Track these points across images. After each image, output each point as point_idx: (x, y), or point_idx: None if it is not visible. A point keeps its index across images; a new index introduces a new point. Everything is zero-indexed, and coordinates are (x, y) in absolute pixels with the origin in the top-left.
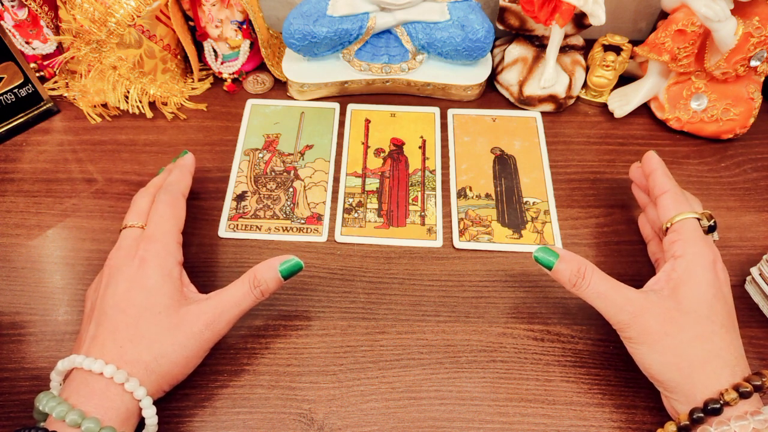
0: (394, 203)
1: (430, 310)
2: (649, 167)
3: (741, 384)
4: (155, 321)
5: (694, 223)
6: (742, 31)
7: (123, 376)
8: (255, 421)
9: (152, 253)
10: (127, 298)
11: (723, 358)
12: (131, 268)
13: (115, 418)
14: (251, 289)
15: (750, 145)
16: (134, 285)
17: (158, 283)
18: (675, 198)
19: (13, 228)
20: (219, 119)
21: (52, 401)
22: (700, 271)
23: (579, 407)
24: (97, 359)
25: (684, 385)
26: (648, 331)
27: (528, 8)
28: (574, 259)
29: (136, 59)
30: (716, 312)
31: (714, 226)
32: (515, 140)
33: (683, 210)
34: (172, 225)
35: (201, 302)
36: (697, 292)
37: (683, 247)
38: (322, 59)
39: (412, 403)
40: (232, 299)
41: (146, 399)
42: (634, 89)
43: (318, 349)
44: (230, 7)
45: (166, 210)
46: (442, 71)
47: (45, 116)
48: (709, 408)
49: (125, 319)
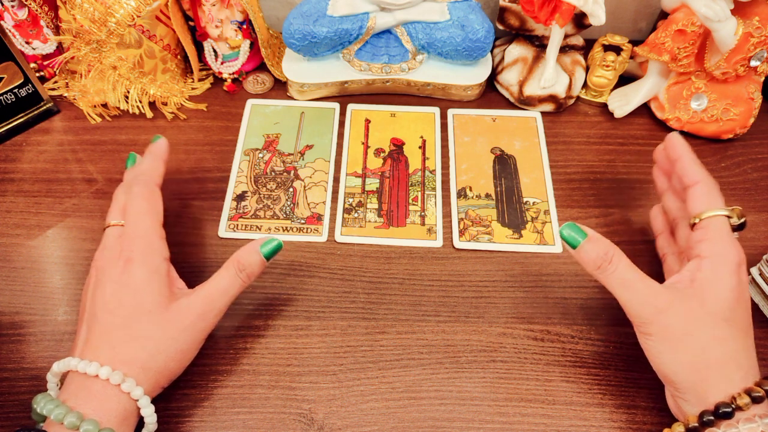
0: (394, 203)
1: (430, 310)
2: (675, 152)
3: (753, 388)
4: (146, 319)
5: (723, 222)
6: (742, 31)
7: (119, 378)
8: (255, 421)
9: (137, 252)
10: (116, 299)
11: (738, 362)
12: (117, 268)
13: (114, 419)
14: (237, 274)
15: (750, 145)
16: (121, 286)
17: (145, 282)
18: (708, 191)
19: (13, 228)
20: (219, 119)
21: (50, 404)
22: (726, 274)
23: (579, 407)
24: (92, 362)
25: (697, 387)
26: (670, 329)
27: (528, 8)
28: (602, 241)
29: (136, 59)
30: (737, 315)
31: (743, 225)
32: (515, 140)
33: (715, 206)
34: (152, 220)
35: (190, 295)
36: (721, 294)
37: (710, 248)
38: (322, 59)
39: (412, 403)
40: (219, 288)
41: (144, 398)
42: (634, 89)
43: (318, 349)
44: (230, 7)
45: (142, 204)
46: (442, 71)
47: (45, 116)
48: (720, 412)
49: (115, 320)
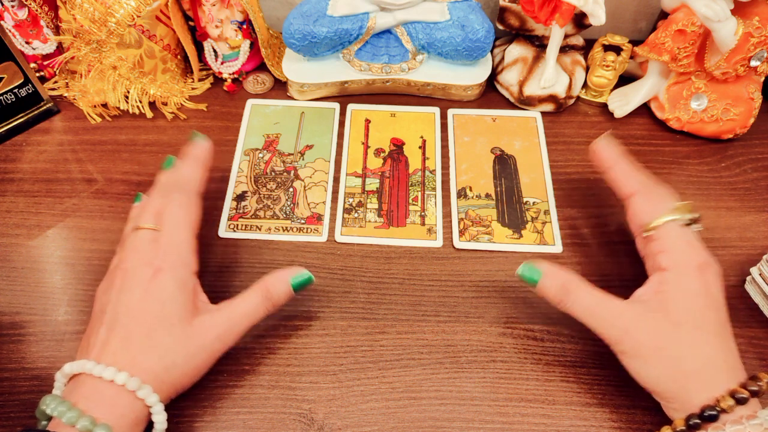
0: (394, 203)
1: (430, 310)
2: (603, 163)
3: (737, 390)
4: (168, 332)
5: (674, 227)
6: (742, 31)
7: (136, 384)
8: (255, 421)
9: (169, 263)
10: (142, 307)
11: (717, 366)
12: (146, 276)
13: (125, 425)
14: (263, 301)
15: (750, 145)
16: (149, 295)
17: (173, 295)
18: (648, 198)
19: (13, 228)
20: (219, 119)
21: (61, 406)
22: (688, 281)
23: (579, 407)
24: (109, 366)
25: (680, 395)
26: (640, 345)
27: (528, 8)
28: (558, 274)
29: (136, 59)
30: (707, 320)
31: (697, 219)
32: (515, 140)
33: (659, 212)
34: (188, 232)
35: (213, 313)
36: (686, 303)
37: (668, 258)
38: (322, 59)
39: (412, 403)
40: (243, 311)
41: (158, 405)
42: (634, 89)
43: (318, 349)
44: (230, 7)
45: (180, 214)
46: (442, 71)
47: (45, 116)
48: (705, 414)
49: (138, 328)
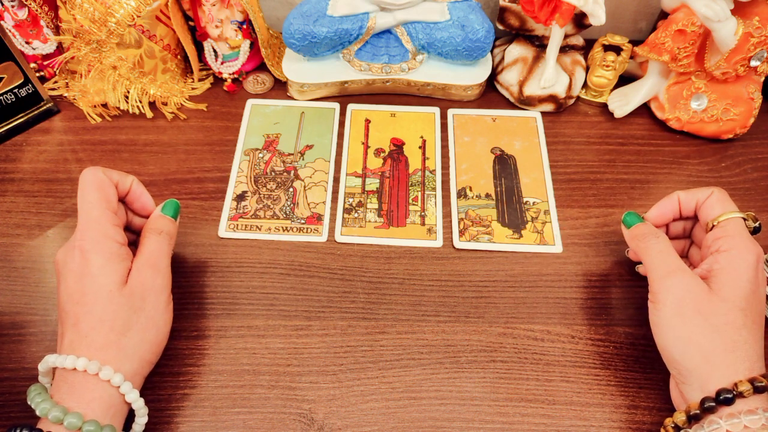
0: (394, 203)
1: (430, 310)
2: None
3: (757, 378)
4: (108, 299)
5: (740, 222)
6: (742, 31)
7: (95, 367)
8: (255, 421)
9: (89, 240)
10: (78, 289)
11: (746, 352)
12: (75, 260)
13: (98, 409)
14: (157, 237)
15: (750, 145)
16: (81, 275)
17: (103, 265)
18: (722, 198)
19: (13, 228)
20: (219, 119)
21: (37, 397)
22: (743, 266)
23: (579, 407)
24: (68, 355)
25: (701, 370)
26: (684, 304)
27: (528, 8)
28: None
29: (136, 59)
30: (751, 307)
31: (759, 228)
32: (515, 140)
33: (730, 210)
34: (100, 209)
35: (133, 268)
36: (737, 283)
37: (728, 243)
38: (322, 59)
39: (412, 403)
40: (153, 250)
41: (125, 384)
42: (634, 89)
43: (318, 349)
44: (230, 7)
45: (88, 191)
46: (442, 71)
47: (45, 116)
48: (721, 398)
49: (81, 309)
